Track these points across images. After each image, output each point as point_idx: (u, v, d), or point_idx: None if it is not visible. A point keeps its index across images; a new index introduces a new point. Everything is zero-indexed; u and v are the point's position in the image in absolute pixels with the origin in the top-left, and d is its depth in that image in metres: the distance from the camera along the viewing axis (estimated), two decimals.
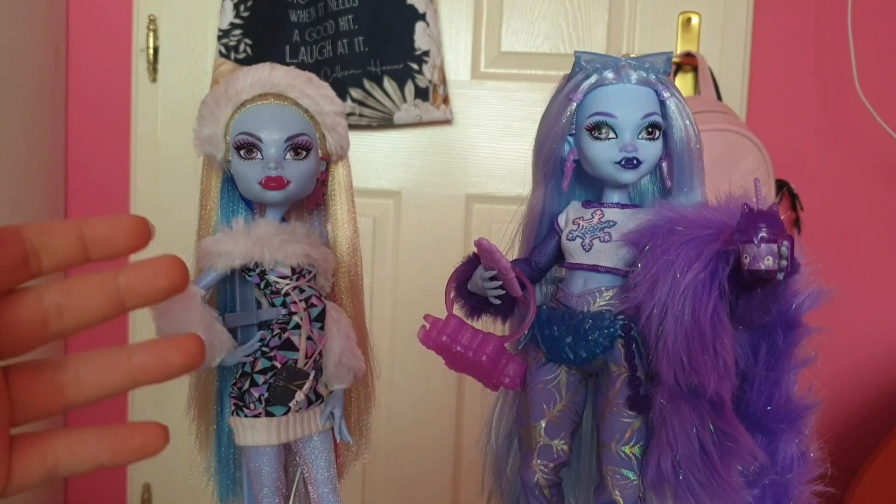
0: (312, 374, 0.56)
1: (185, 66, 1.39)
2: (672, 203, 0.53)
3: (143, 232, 0.27)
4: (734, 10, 1.34)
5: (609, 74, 0.53)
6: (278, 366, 0.55)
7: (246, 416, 0.55)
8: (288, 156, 0.56)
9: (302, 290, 0.57)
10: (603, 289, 0.53)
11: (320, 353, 0.57)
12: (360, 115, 1.30)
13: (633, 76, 0.53)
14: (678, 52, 1.33)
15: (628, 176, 0.53)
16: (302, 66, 1.29)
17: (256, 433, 0.55)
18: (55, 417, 0.30)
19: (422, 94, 1.30)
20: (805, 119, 1.37)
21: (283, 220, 0.59)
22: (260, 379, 0.55)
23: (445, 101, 1.33)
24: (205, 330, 0.53)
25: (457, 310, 0.56)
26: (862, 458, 1.21)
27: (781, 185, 1.26)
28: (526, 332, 0.55)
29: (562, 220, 0.56)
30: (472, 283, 0.55)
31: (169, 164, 1.39)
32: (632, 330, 0.52)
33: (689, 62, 1.33)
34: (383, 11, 1.29)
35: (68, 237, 0.26)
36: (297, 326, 0.56)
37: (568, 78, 0.55)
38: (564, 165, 0.55)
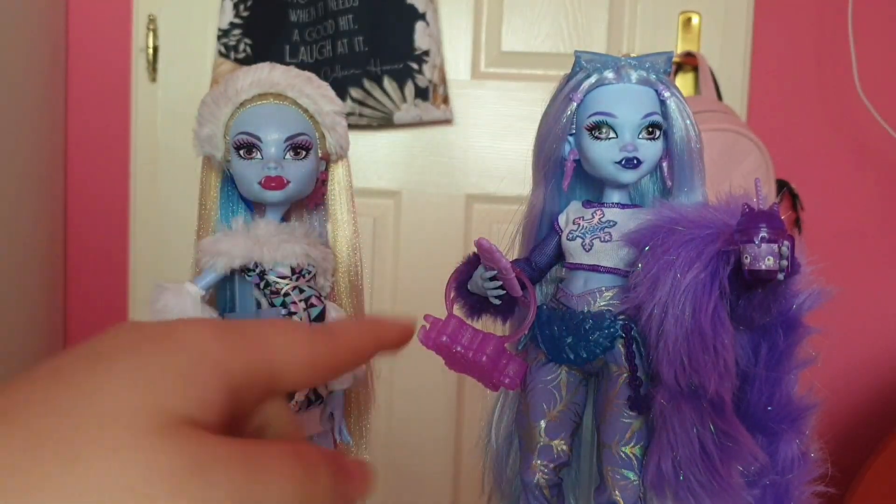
0: None
1: (184, 65, 1.39)
2: (672, 203, 0.52)
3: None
4: (735, 10, 1.34)
5: (609, 74, 0.53)
6: None
7: None
8: (288, 155, 0.56)
9: (301, 291, 0.56)
10: (603, 289, 0.53)
11: None
12: (360, 115, 1.30)
13: (634, 76, 0.53)
14: (678, 51, 1.33)
15: (628, 176, 0.53)
16: (302, 65, 1.29)
17: None
18: None
19: (422, 93, 1.30)
20: (806, 119, 1.37)
21: (283, 220, 0.58)
22: None
23: (445, 100, 1.33)
24: None
25: (457, 310, 0.56)
26: (863, 458, 1.20)
27: (782, 185, 1.26)
28: (526, 332, 0.55)
29: (562, 220, 0.56)
30: (472, 283, 0.55)
31: (168, 164, 1.39)
32: (632, 330, 0.52)
33: (689, 62, 1.33)
34: (383, 11, 1.29)
35: None
36: None
37: (568, 77, 0.55)
38: (564, 165, 0.55)
